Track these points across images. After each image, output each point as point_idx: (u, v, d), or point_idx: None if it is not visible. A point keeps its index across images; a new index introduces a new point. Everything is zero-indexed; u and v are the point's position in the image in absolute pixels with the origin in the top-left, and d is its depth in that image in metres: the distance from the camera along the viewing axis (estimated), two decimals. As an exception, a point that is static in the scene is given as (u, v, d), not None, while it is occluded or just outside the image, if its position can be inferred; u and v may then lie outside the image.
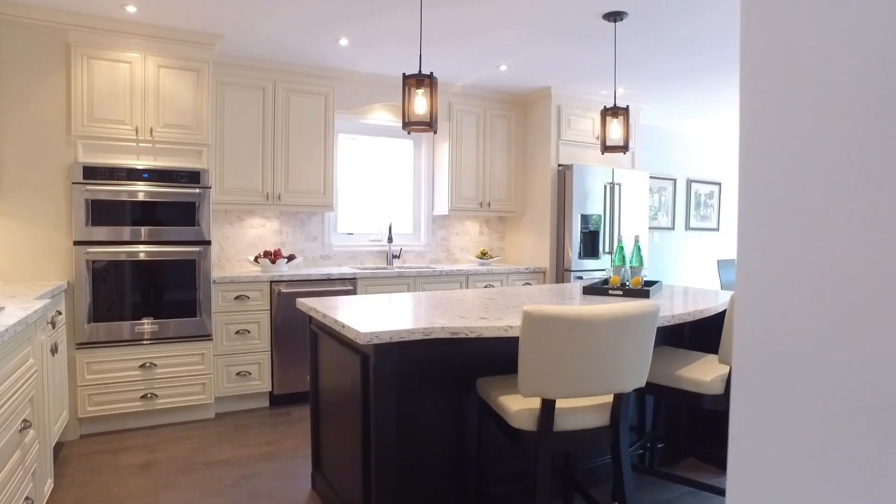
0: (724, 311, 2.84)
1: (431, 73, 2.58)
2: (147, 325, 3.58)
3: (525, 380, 1.79)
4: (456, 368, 2.32)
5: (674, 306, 2.48)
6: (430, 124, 2.61)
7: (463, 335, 1.95)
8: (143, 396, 3.58)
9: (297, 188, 4.37)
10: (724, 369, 2.36)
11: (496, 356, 2.40)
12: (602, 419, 1.95)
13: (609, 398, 1.98)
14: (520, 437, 1.90)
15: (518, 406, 1.90)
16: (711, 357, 2.59)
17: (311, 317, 2.66)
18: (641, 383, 1.92)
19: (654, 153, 6.82)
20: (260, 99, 4.23)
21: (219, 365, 3.88)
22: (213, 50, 3.77)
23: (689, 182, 7.12)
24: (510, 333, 1.98)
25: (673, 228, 7.01)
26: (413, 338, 1.90)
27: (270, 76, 4.25)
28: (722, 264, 6.45)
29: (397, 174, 5.30)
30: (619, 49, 3.96)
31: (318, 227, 4.81)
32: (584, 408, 1.93)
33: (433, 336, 1.93)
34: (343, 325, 2.00)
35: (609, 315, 1.77)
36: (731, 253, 7.65)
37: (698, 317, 2.39)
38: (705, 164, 7.30)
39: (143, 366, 3.58)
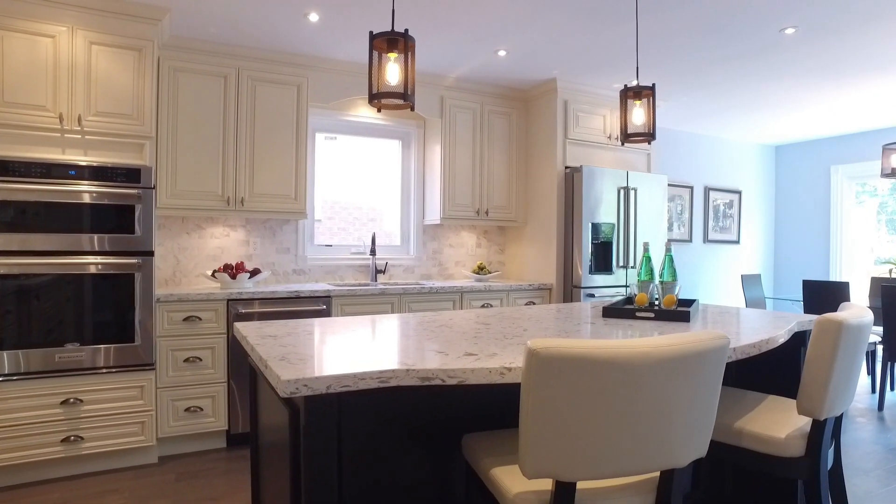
0: (790, 340, 2.22)
1: (406, 30, 1.98)
2: (71, 353, 2.96)
3: (529, 454, 1.16)
4: (433, 420, 1.69)
5: (731, 334, 1.85)
6: (404, 96, 2.01)
7: (437, 381, 1.33)
8: (65, 440, 2.95)
9: (264, 192, 3.77)
10: (803, 422, 1.73)
11: (490, 402, 1.77)
12: (644, 505, 1.31)
13: (653, 473, 1.35)
14: (522, 534, 1.27)
15: (520, 487, 1.28)
16: (777, 400, 1.96)
17: (249, 347, 2.03)
18: (702, 452, 1.29)
19: (668, 158, 6.22)
20: (221, 88, 3.64)
21: (163, 399, 3.24)
22: (159, 27, 3.20)
23: (707, 190, 6.51)
24: (507, 379, 1.35)
25: (690, 240, 6.38)
26: (364, 385, 1.28)
27: (233, 62, 3.67)
28: (746, 279, 5.81)
29: (383, 178, 4.70)
30: (637, 28, 3.38)
31: (290, 238, 4.20)
32: (617, 489, 1.30)
33: (393, 383, 1.30)
34: (266, 366, 1.38)
35: (660, 354, 1.15)
36: (752, 267, 7.00)
37: (765, 348, 1.76)
38: (724, 171, 6.69)
39: (65, 402, 2.95)
